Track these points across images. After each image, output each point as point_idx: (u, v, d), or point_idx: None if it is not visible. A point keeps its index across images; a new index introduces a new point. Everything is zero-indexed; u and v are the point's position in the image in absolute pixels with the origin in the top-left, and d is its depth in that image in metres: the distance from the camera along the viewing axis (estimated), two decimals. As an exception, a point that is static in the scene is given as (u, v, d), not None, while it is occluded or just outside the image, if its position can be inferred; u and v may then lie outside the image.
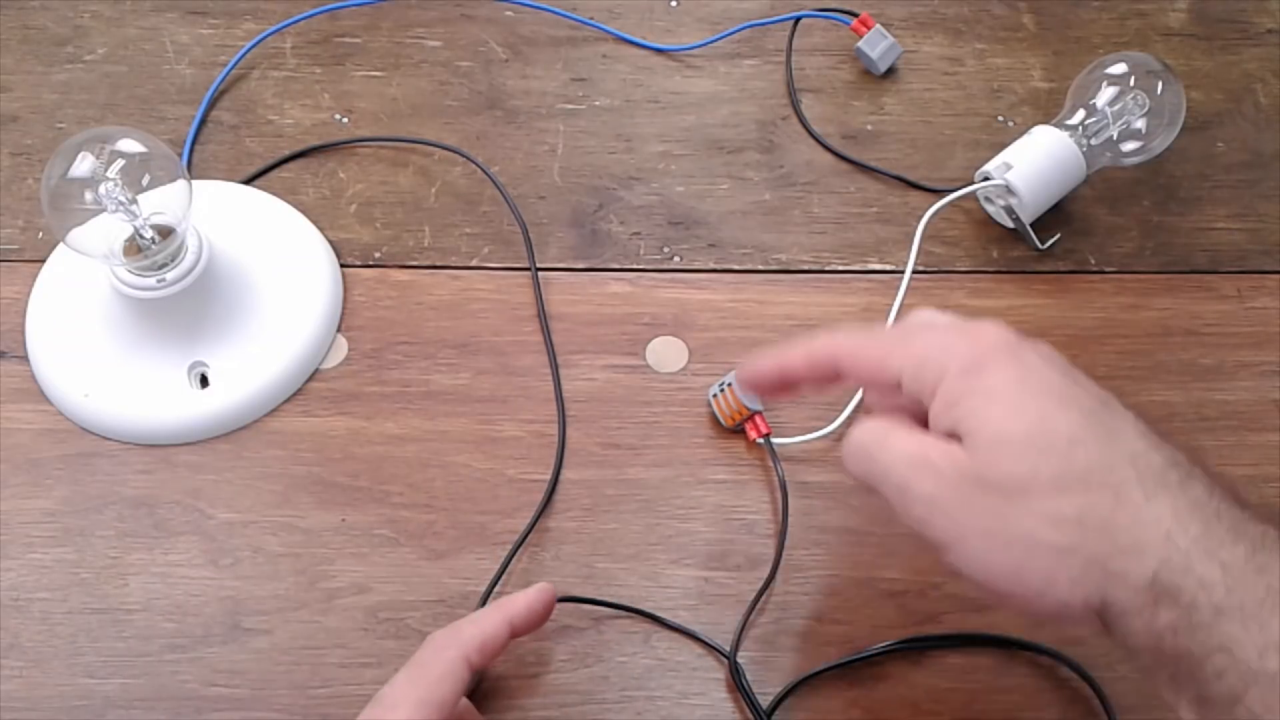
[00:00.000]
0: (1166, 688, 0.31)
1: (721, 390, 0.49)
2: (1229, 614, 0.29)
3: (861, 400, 0.48)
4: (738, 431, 0.49)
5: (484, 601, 0.45)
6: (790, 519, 0.47)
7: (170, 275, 0.47)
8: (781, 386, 0.39)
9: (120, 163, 0.45)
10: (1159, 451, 0.32)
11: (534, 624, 0.42)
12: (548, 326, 0.52)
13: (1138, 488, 0.31)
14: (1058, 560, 0.31)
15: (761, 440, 0.48)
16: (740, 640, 0.44)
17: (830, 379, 0.38)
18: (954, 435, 0.33)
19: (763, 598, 0.45)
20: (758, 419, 0.48)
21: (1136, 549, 0.30)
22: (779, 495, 0.48)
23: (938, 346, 0.35)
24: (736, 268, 0.54)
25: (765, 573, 0.46)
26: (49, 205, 0.45)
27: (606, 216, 0.56)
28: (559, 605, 0.45)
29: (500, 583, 0.46)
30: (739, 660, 0.44)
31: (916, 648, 0.45)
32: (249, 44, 0.60)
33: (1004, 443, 0.32)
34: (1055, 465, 0.31)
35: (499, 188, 0.56)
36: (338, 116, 0.59)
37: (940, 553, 0.33)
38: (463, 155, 0.57)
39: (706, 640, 0.45)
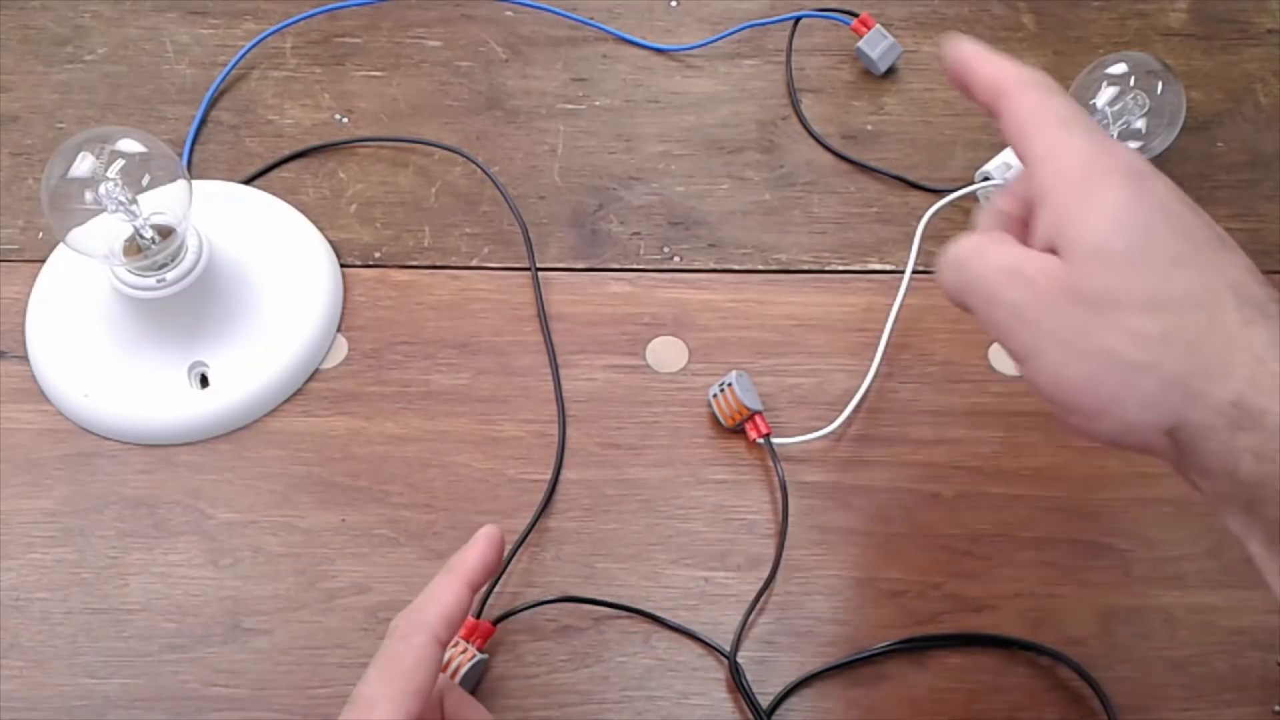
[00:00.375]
0: (1237, 519, 0.30)
1: (721, 390, 0.49)
2: None
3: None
4: (738, 431, 0.49)
5: (484, 603, 0.45)
6: (790, 519, 0.47)
7: (170, 275, 0.47)
8: (959, 81, 0.37)
9: (120, 163, 0.45)
10: (1264, 287, 0.31)
11: (491, 573, 0.40)
12: (548, 326, 0.52)
13: (1235, 311, 0.30)
14: (1132, 377, 0.30)
15: (761, 440, 0.48)
16: (740, 640, 0.44)
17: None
18: (1055, 246, 0.32)
19: (763, 598, 0.45)
20: (758, 419, 0.48)
21: (1223, 368, 0.29)
22: (779, 495, 0.48)
23: (1063, 141, 0.33)
24: (736, 268, 0.54)
25: (765, 573, 0.46)
26: (49, 205, 0.45)
27: (606, 216, 0.56)
28: (559, 605, 0.45)
29: (500, 584, 0.46)
30: (739, 660, 0.44)
31: (916, 648, 0.45)
32: (249, 44, 0.60)
33: (1103, 254, 0.31)
34: (1151, 283, 0.30)
35: (499, 188, 0.56)
36: (338, 116, 0.59)
37: (1018, 364, 0.33)
38: (463, 155, 0.57)
39: (706, 640, 0.45)
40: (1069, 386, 0.31)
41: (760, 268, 0.54)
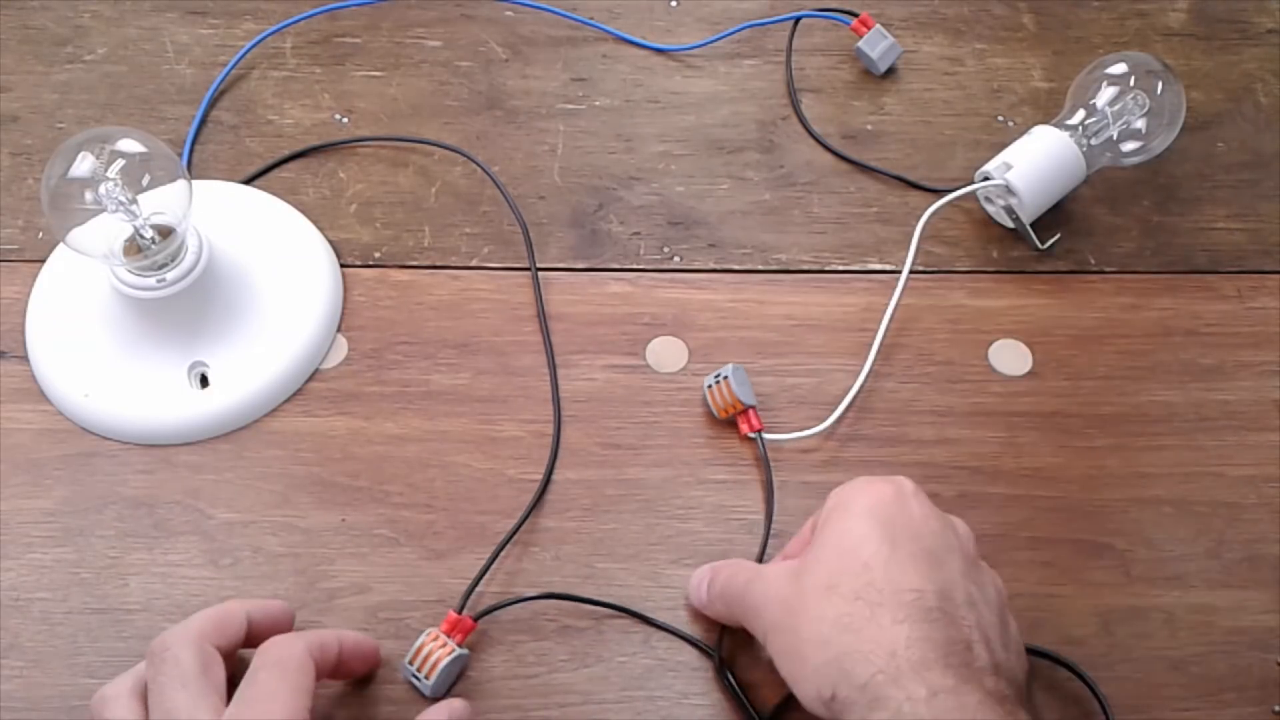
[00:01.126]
0: None
1: (717, 381, 0.49)
2: None
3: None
4: (730, 424, 0.49)
5: (467, 595, 0.44)
6: (785, 516, 0.47)
7: (170, 275, 0.47)
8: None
9: (120, 163, 0.45)
10: (938, 600, 0.37)
11: (277, 624, 0.42)
12: (547, 326, 0.52)
13: (892, 612, 0.36)
14: (813, 650, 0.37)
15: (753, 435, 0.48)
16: (723, 638, 0.44)
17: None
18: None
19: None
20: (750, 414, 0.48)
21: (864, 656, 0.35)
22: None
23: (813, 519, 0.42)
24: (736, 268, 0.54)
25: (765, 573, 0.46)
26: (49, 205, 0.45)
27: (606, 216, 0.56)
28: (558, 603, 0.45)
29: (486, 578, 0.46)
30: (731, 660, 0.44)
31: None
32: (249, 44, 0.60)
33: (823, 549, 0.39)
34: (847, 579, 0.37)
35: (499, 187, 0.56)
36: (338, 116, 0.59)
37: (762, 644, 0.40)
38: (463, 154, 0.57)
39: (694, 640, 0.44)
40: (779, 655, 0.39)
41: (760, 268, 0.54)
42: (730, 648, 0.44)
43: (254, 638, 0.40)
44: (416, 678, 0.42)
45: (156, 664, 0.38)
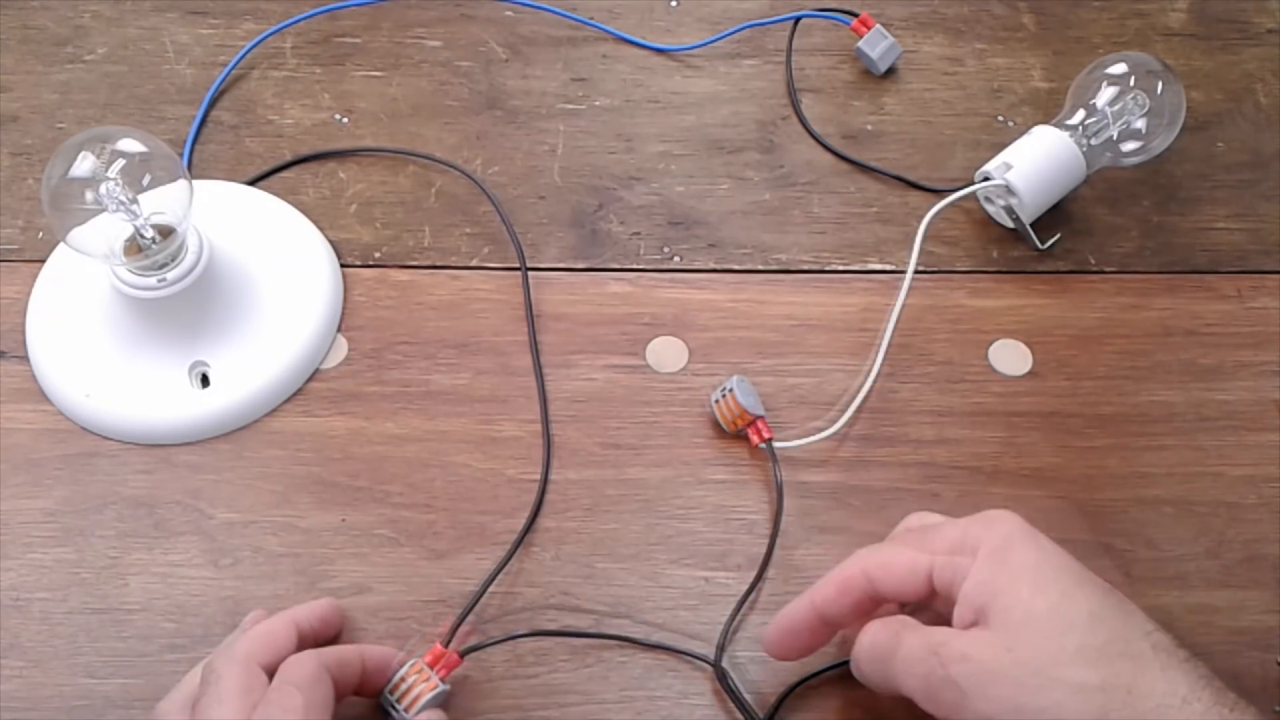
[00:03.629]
0: None
1: (723, 395, 0.49)
2: None
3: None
4: (740, 436, 0.49)
5: (455, 628, 0.43)
6: (789, 519, 0.47)
7: (171, 275, 0.47)
8: (820, 629, 0.41)
9: (121, 162, 0.45)
10: (1165, 632, 0.35)
11: (328, 627, 0.43)
12: (534, 328, 0.52)
13: (1154, 660, 0.34)
14: None
15: (763, 445, 0.48)
16: (725, 645, 0.44)
17: (866, 601, 0.39)
18: (979, 616, 0.36)
19: (753, 597, 0.45)
20: (759, 423, 0.48)
21: (1158, 712, 0.33)
22: (776, 498, 0.48)
23: (963, 536, 0.38)
24: (736, 268, 0.54)
25: (765, 573, 0.46)
26: (49, 205, 0.45)
27: (606, 216, 0.56)
28: (559, 606, 0.45)
29: (497, 583, 0.46)
30: (727, 665, 0.44)
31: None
32: (249, 44, 0.60)
33: (1032, 618, 0.35)
34: (1078, 639, 0.34)
35: (492, 200, 0.55)
36: (338, 116, 0.59)
37: None
38: (455, 168, 0.57)
39: (688, 652, 0.44)
40: None
41: (760, 268, 0.54)
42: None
43: (304, 645, 0.41)
44: (395, 709, 0.41)
45: (202, 684, 0.39)
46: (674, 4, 0.63)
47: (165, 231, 0.47)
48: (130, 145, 0.46)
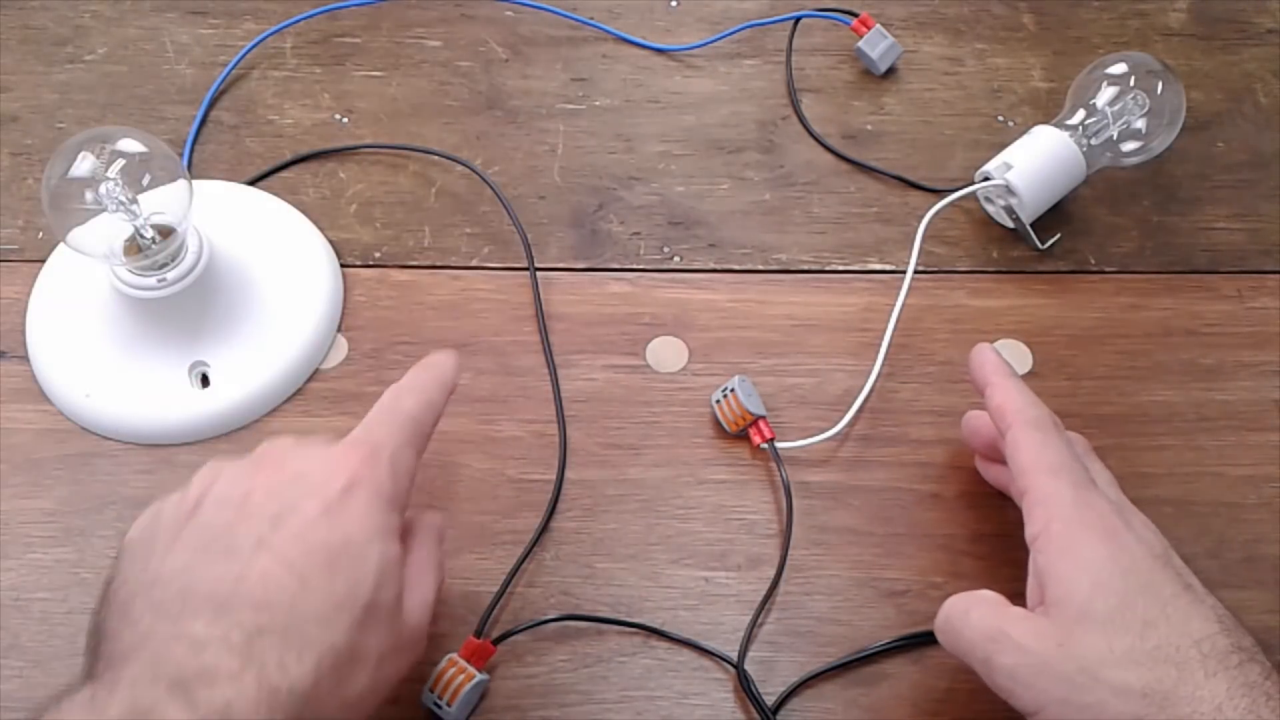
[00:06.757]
0: None
1: (725, 396, 0.49)
2: None
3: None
4: (741, 437, 0.49)
5: (484, 623, 0.44)
6: (792, 520, 0.47)
7: (171, 275, 0.47)
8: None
9: (120, 162, 0.45)
10: (1227, 636, 0.35)
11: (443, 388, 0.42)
12: (546, 329, 0.52)
13: (1200, 666, 0.34)
14: None
15: (765, 445, 0.48)
16: (747, 648, 0.44)
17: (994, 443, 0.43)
18: (1042, 597, 0.37)
19: (771, 601, 0.45)
20: (761, 424, 0.48)
21: (1192, 719, 0.33)
22: (783, 498, 0.47)
23: (1052, 492, 0.39)
24: (736, 268, 0.54)
25: (765, 573, 0.46)
26: (49, 205, 0.45)
27: (606, 216, 0.56)
28: (557, 607, 0.45)
29: (485, 579, 0.45)
30: (746, 668, 0.44)
31: (917, 647, 0.45)
32: (249, 44, 0.60)
33: (1087, 617, 0.36)
34: (1129, 642, 0.35)
35: (500, 196, 0.55)
36: (338, 116, 0.59)
37: (1028, 717, 0.37)
38: (463, 163, 0.57)
39: (712, 650, 0.44)
40: None
41: (760, 268, 0.54)
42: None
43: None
44: (438, 705, 0.42)
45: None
46: (674, 4, 0.63)
47: (165, 231, 0.47)
48: (130, 145, 0.46)
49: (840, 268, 0.54)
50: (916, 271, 0.52)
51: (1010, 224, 0.55)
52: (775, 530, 0.47)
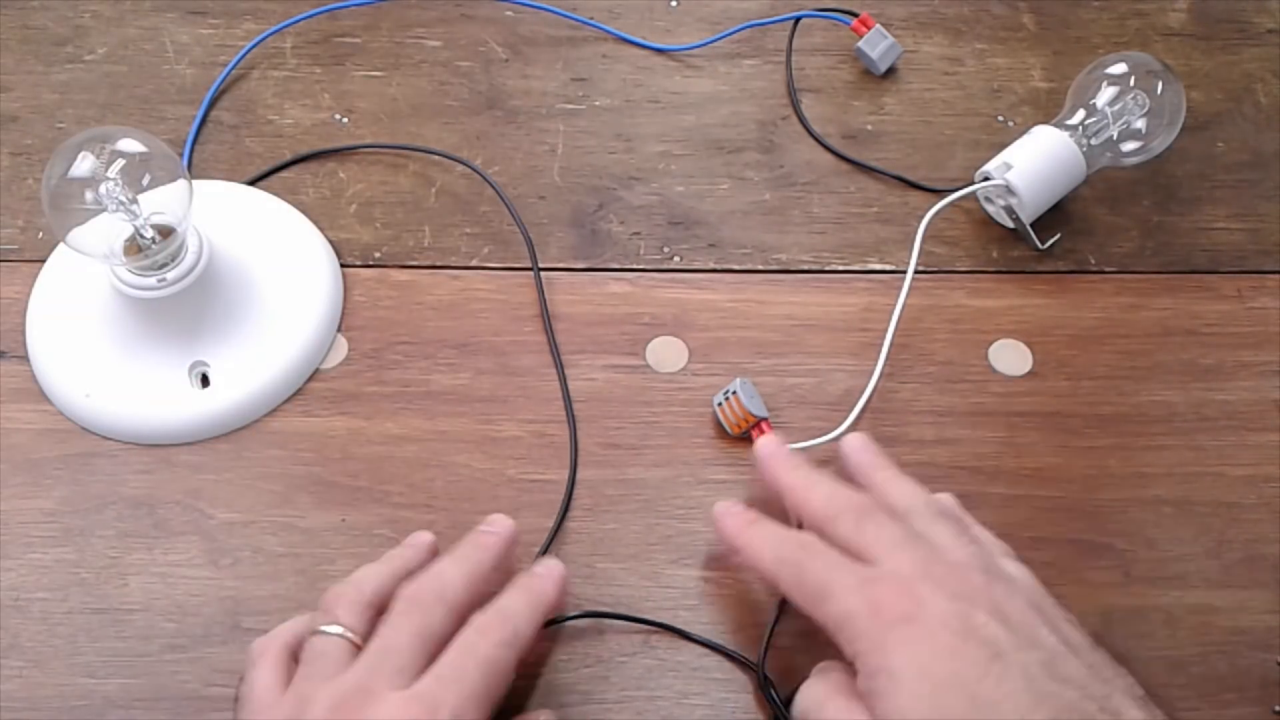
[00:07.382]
0: None
1: (726, 399, 0.49)
2: None
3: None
4: (744, 439, 0.49)
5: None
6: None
7: (171, 275, 0.47)
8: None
9: (120, 162, 0.45)
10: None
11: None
12: (551, 329, 0.52)
13: None
14: None
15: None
16: (768, 651, 0.44)
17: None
18: (863, 687, 0.36)
19: (784, 606, 0.45)
20: (764, 425, 0.48)
21: None
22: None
23: (848, 590, 0.38)
24: (736, 268, 0.54)
25: (765, 573, 0.46)
26: (49, 205, 0.45)
27: (606, 216, 0.56)
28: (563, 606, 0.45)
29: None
30: (767, 673, 0.44)
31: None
32: (249, 44, 0.60)
33: None
34: None
35: (501, 196, 0.56)
36: (338, 116, 0.59)
37: None
38: (464, 163, 0.57)
39: (733, 653, 0.44)
40: None
41: (760, 268, 0.54)
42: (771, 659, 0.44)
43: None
44: None
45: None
46: (674, 4, 0.64)
47: (165, 231, 0.47)
48: (130, 145, 0.46)
49: (840, 268, 0.54)
50: (916, 271, 0.52)
51: (1010, 224, 0.55)
52: (775, 530, 0.47)
